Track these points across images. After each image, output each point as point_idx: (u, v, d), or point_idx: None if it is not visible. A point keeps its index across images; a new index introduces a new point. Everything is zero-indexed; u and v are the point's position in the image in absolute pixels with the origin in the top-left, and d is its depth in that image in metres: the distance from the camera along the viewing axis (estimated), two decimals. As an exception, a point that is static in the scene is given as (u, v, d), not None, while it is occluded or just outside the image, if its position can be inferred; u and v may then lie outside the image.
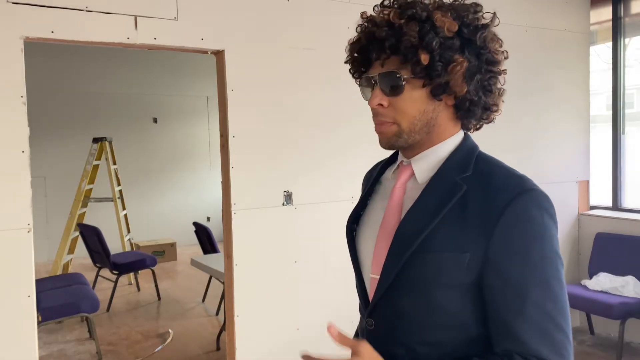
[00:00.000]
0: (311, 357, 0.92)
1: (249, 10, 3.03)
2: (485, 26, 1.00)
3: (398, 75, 0.98)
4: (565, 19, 4.27)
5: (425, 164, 1.05)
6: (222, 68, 2.98)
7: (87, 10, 2.61)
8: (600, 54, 4.66)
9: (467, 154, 1.03)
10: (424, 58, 0.95)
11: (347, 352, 0.92)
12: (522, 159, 4.09)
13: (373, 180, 1.17)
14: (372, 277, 1.07)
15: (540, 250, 0.93)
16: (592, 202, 4.53)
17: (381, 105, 1.01)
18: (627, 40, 4.37)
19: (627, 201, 4.43)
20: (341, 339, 0.91)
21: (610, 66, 4.40)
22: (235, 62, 2.98)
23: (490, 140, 3.88)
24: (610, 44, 4.42)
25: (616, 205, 4.45)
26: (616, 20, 4.36)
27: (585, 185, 4.48)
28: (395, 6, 1.00)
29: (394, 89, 0.99)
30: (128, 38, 2.70)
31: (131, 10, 2.70)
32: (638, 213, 4.26)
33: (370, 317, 1.06)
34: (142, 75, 8.29)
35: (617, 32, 4.36)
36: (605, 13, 4.43)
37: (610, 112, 4.43)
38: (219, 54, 3.00)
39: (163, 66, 8.36)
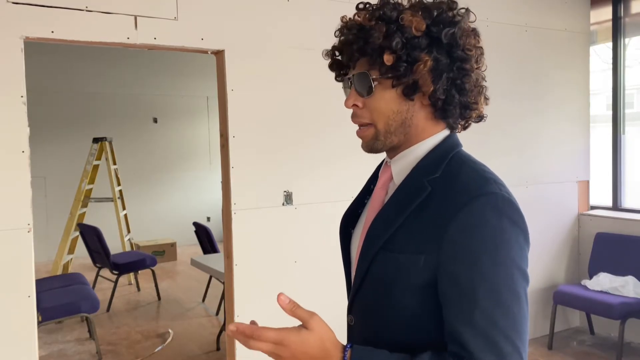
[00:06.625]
0: (242, 326, 0.89)
1: (249, 10, 3.03)
2: (454, 23, 0.97)
3: (368, 76, 0.99)
4: (565, 19, 4.27)
5: (402, 165, 1.04)
6: (222, 68, 2.98)
7: (87, 10, 2.61)
8: (600, 54, 4.66)
9: (441, 154, 1.00)
10: (387, 59, 0.95)
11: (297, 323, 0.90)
12: (522, 159, 4.09)
13: (370, 178, 1.18)
14: (353, 275, 1.10)
15: (492, 257, 0.88)
16: (592, 202, 4.53)
17: (356, 105, 1.03)
18: (627, 40, 4.37)
19: (627, 201, 4.43)
20: (292, 309, 0.88)
21: (610, 66, 4.40)
22: (235, 62, 2.98)
23: (489, 140, 3.91)
24: (610, 44, 4.42)
25: (616, 205, 4.45)
26: (616, 20, 4.36)
27: (585, 185, 4.48)
28: (368, 8, 1.01)
29: (366, 90, 1.00)
30: (128, 38, 2.70)
31: (131, 10, 2.70)
32: (638, 213, 4.26)
33: (350, 314, 1.08)
34: (142, 75, 8.29)
35: (617, 32, 4.36)
36: (605, 13, 4.43)
37: (610, 112, 4.43)
38: (219, 54, 3.00)
39: (163, 66, 8.36)
